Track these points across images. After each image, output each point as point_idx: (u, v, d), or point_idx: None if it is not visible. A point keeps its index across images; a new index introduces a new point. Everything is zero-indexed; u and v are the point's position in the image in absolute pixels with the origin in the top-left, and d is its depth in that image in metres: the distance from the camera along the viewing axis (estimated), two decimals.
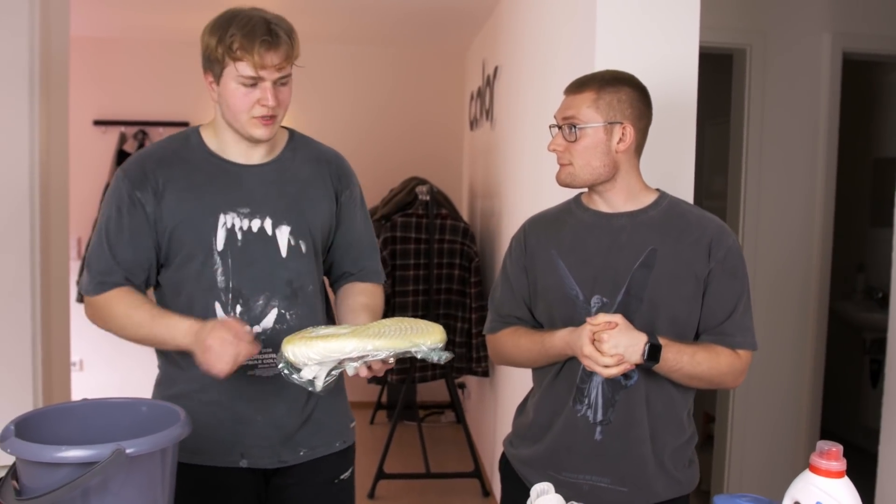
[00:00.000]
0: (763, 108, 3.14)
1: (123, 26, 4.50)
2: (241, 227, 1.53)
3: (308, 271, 1.59)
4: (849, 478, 1.13)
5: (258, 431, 1.57)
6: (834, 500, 1.11)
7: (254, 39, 1.43)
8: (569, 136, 1.51)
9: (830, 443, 1.14)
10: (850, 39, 3.16)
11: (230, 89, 1.47)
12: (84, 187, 4.62)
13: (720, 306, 1.50)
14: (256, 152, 1.58)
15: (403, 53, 4.86)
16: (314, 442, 1.62)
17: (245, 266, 1.53)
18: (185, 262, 1.54)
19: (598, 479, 1.51)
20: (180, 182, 1.53)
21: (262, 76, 1.45)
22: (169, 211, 1.52)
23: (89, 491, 1.15)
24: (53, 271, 2.65)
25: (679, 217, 1.53)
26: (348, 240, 1.68)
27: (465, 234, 3.78)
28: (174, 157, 1.56)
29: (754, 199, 3.17)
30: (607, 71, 1.56)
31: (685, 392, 1.54)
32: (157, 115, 4.74)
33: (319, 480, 1.65)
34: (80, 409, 1.38)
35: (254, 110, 1.48)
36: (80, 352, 4.78)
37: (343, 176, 1.67)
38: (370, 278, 1.70)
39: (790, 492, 1.16)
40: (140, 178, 1.52)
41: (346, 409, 1.72)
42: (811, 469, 1.13)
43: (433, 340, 1.35)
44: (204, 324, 1.44)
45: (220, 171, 1.56)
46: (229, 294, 1.53)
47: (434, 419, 4.75)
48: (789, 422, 3.23)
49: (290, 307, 1.56)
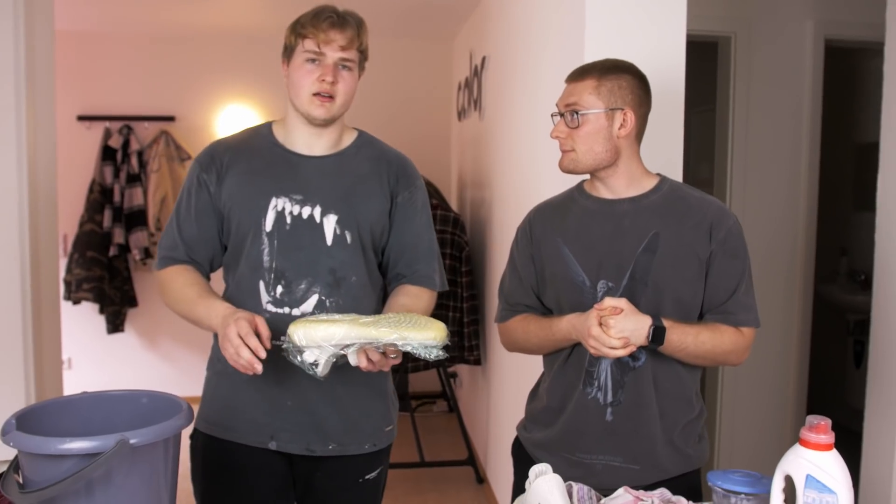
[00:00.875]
0: (748, 95, 3.18)
1: (107, 20, 4.46)
2: (290, 212, 1.60)
3: (352, 262, 1.62)
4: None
5: (288, 416, 1.62)
6: (823, 471, 1.14)
7: (320, 17, 1.55)
8: (571, 123, 1.54)
9: (819, 417, 1.17)
10: (832, 26, 3.20)
11: (296, 65, 1.58)
12: (69, 183, 4.57)
13: (723, 286, 1.54)
14: (319, 144, 1.64)
15: (390, 44, 4.85)
16: (345, 439, 1.65)
17: (291, 250, 1.59)
18: (239, 241, 1.62)
19: (610, 459, 1.55)
20: (242, 165, 1.63)
21: (324, 52, 1.55)
22: (228, 191, 1.62)
23: (93, 483, 1.16)
24: (43, 268, 2.64)
25: (680, 200, 1.57)
26: (403, 242, 1.69)
27: (456, 223, 3.79)
28: (241, 144, 1.67)
29: (740, 185, 3.21)
30: (608, 59, 1.59)
31: (692, 370, 1.58)
32: (142, 109, 4.71)
33: (346, 476, 1.68)
34: (81, 402, 1.39)
35: (313, 86, 1.56)
36: (69, 350, 4.76)
37: (402, 178, 1.69)
38: (421, 282, 1.70)
39: (781, 465, 1.19)
40: (207, 161, 1.64)
41: (384, 412, 1.72)
42: (801, 443, 1.17)
43: (425, 337, 1.34)
44: (232, 312, 1.47)
45: (280, 160, 1.64)
46: (272, 274, 1.59)
47: (426, 409, 4.77)
48: (777, 402, 3.28)
49: (331, 295, 1.60)
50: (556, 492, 1.26)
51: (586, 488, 1.35)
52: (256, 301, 1.60)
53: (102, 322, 4.75)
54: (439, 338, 1.35)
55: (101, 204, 4.61)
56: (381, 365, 1.43)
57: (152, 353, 4.95)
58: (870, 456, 2.31)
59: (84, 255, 4.56)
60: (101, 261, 4.60)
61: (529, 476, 1.33)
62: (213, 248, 1.66)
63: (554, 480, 1.29)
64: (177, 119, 4.72)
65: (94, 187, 4.62)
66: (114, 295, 4.69)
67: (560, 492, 1.26)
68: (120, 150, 4.62)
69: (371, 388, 1.67)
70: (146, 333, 4.94)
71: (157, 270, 1.66)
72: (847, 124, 4.28)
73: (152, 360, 4.93)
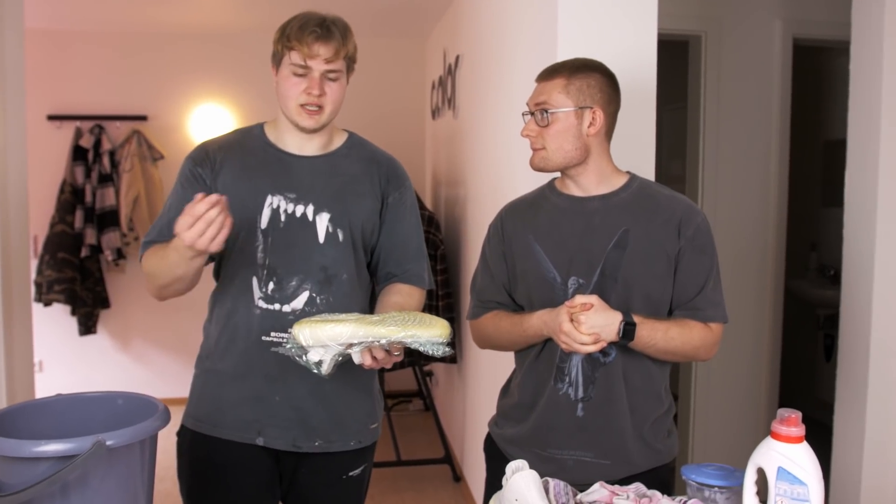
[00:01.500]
0: (718, 93, 3.22)
1: (78, 19, 4.40)
2: (285, 210, 1.61)
3: (344, 260, 1.64)
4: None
5: (276, 411, 1.62)
6: (794, 463, 1.16)
7: (305, 30, 1.56)
8: (541, 122, 1.56)
9: (790, 410, 1.18)
10: (800, 25, 3.25)
11: (283, 77, 1.60)
12: (39, 183, 4.50)
13: (691, 282, 1.56)
14: (311, 145, 1.67)
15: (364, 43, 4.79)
16: (331, 436, 1.66)
17: (284, 247, 1.61)
18: (232, 238, 1.58)
19: (581, 454, 1.57)
20: (236, 163, 1.65)
21: (310, 66, 1.56)
22: (223, 187, 1.61)
23: (69, 485, 1.15)
24: (14, 270, 2.60)
25: (649, 198, 1.59)
26: (393, 241, 1.72)
27: (430, 222, 3.79)
28: (234, 143, 1.69)
29: (711, 182, 3.25)
30: (577, 59, 1.61)
31: (662, 366, 1.61)
32: (113, 109, 4.65)
33: (331, 473, 1.69)
34: (55, 404, 1.37)
35: (300, 98, 1.58)
36: (40, 353, 4.69)
37: (393, 178, 1.72)
38: (412, 281, 1.72)
39: (753, 458, 1.21)
40: (201, 156, 1.66)
41: (371, 409, 1.73)
42: (772, 435, 1.18)
43: (432, 334, 1.36)
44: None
45: (273, 159, 1.66)
46: (265, 271, 1.60)
47: (403, 407, 4.77)
48: (749, 396, 3.33)
49: (322, 292, 1.61)
50: (532, 488, 1.27)
51: (563, 484, 1.36)
52: (248, 297, 1.61)
53: (74, 324, 4.69)
54: (445, 335, 1.37)
55: (73, 204, 4.54)
56: (384, 362, 1.44)
57: (125, 355, 4.89)
58: (839, 448, 2.36)
59: (55, 257, 4.49)
60: (73, 262, 4.53)
61: (506, 472, 1.34)
62: None
63: (530, 476, 1.30)
64: (149, 118, 4.67)
65: (65, 188, 4.55)
66: (86, 296, 4.63)
67: (537, 488, 1.27)
68: (91, 150, 4.56)
69: (358, 385, 1.69)
70: (119, 335, 4.88)
71: (141, 261, 1.62)
72: (815, 121, 4.36)
73: (125, 362, 4.87)
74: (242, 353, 1.61)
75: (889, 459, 2.25)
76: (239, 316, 1.62)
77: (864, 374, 2.26)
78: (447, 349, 1.37)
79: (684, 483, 1.34)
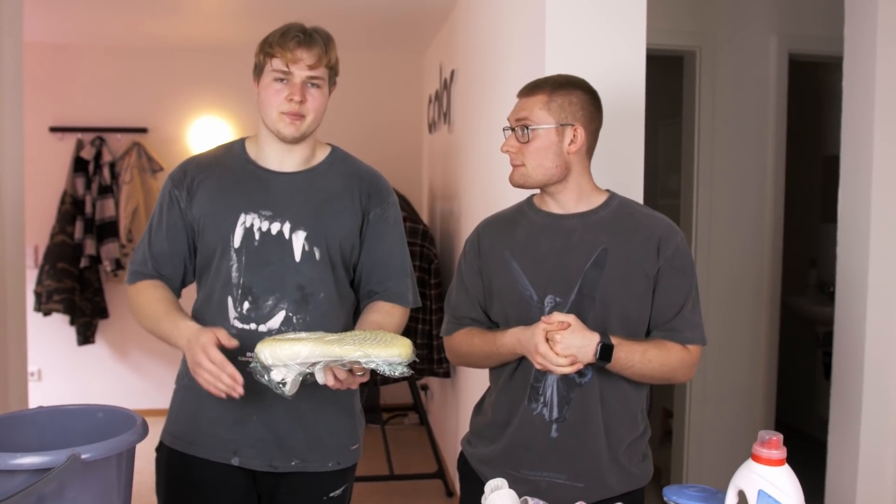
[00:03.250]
0: (713, 108, 3.22)
1: (80, 32, 4.43)
2: (259, 228, 1.60)
3: (321, 279, 1.61)
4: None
5: (252, 431, 1.60)
6: (775, 487, 1.14)
7: (287, 36, 1.55)
8: (521, 138, 1.54)
9: (771, 432, 1.17)
10: (795, 41, 3.26)
11: (264, 84, 1.59)
12: (40, 195, 4.54)
13: (669, 303, 1.54)
14: (291, 160, 1.64)
15: (362, 57, 4.86)
16: (309, 456, 1.64)
17: (259, 265, 1.59)
18: (208, 257, 1.62)
19: (555, 476, 1.54)
20: (212, 182, 1.64)
21: (292, 71, 1.55)
22: (198, 206, 1.62)
23: (45, 498, 1.14)
24: (9, 280, 2.61)
25: (628, 217, 1.57)
26: (375, 258, 1.69)
27: (424, 236, 3.79)
28: (213, 161, 1.68)
29: (707, 197, 3.24)
30: (560, 75, 1.59)
31: (639, 388, 1.58)
32: (114, 121, 4.68)
33: (310, 494, 1.66)
34: (35, 416, 1.37)
35: (282, 105, 1.56)
36: (38, 362, 4.70)
37: (375, 194, 1.68)
38: (393, 299, 1.69)
39: (734, 481, 1.20)
40: (180, 178, 1.65)
41: (350, 429, 1.70)
42: (753, 458, 1.17)
43: (389, 353, 1.34)
44: (196, 334, 1.47)
45: (251, 176, 1.64)
46: (239, 290, 1.59)
47: (398, 421, 4.76)
48: (745, 415, 3.30)
49: (298, 311, 1.59)
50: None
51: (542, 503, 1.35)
52: (224, 316, 1.59)
53: (73, 333, 4.70)
54: (404, 354, 1.35)
55: (73, 215, 4.56)
56: (348, 383, 1.43)
57: (123, 365, 4.90)
58: (834, 466, 2.34)
59: (55, 267, 4.51)
60: (72, 272, 4.55)
61: (485, 490, 1.33)
62: (184, 264, 1.66)
63: (508, 496, 1.29)
64: (149, 131, 4.69)
65: (65, 199, 4.57)
66: (84, 306, 4.64)
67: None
68: (92, 162, 4.59)
69: (337, 405, 1.66)
70: (117, 345, 4.88)
71: (128, 285, 1.67)
72: (814, 137, 4.35)
73: (123, 372, 4.87)
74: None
75: (884, 477, 2.23)
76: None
77: (859, 391, 2.24)
78: (405, 370, 1.35)
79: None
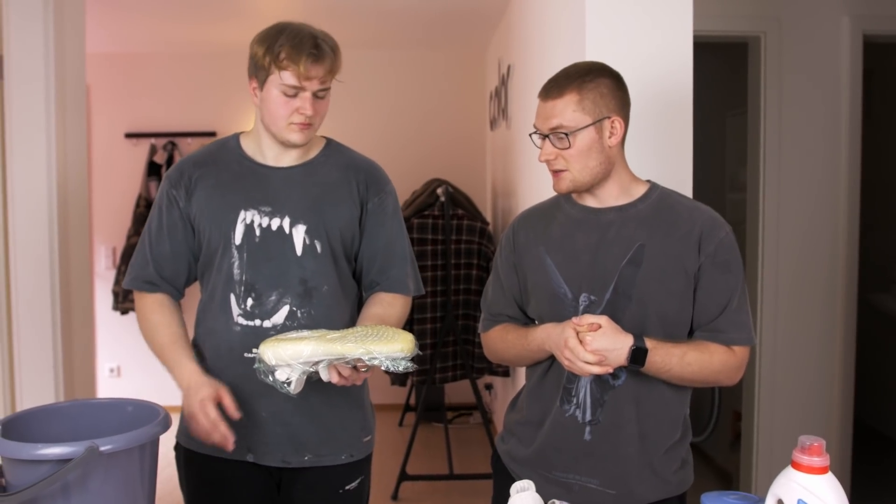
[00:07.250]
0: (780, 96, 3.06)
1: (148, 41, 4.62)
2: (259, 224, 1.59)
3: (323, 272, 1.61)
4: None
5: (264, 428, 1.61)
6: (816, 497, 1.07)
7: (301, 51, 1.51)
8: (560, 144, 1.46)
9: (813, 437, 1.10)
10: (870, 21, 3.07)
11: (272, 96, 1.55)
12: (117, 197, 4.76)
13: (712, 302, 1.45)
14: (288, 156, 1.64)
15: (424, 56, 4.87)
16: (321, 450, 1.64)
17: (261, 261, 1.59)
18: (210, 255, 1.63)
19: (587, 480, 1.49)
20: (210, 180, 1.63)
21: (303, 87, 1.53)
22: (197, 205, 1.62)
23: (69, 487, 1.19)
24: (73, 279, 2.73)
25: (668, 210, 1.49)
26: (374, 248, 1.68)
27: (483, 234, 3.77)
28: (209, 158, 1.67)
29: (774, 190, 3.09)
30: (578, 65, 1.50)
31: (679, 392, 1.50)
32: (185, 126, 4.85)
33: (326, 488, 1.67)
34: (68, 409, 1.43)
35: (292, 117, 1.55)
36: (118, 358, 4.91)
37: (372, 184, 1.68)
38: (394, 288, 1.68)
39: (773, 489, 1.13)
40: (177, 178, 1.65)
41: (363, 421, 1.71)
42: (793, 465, 1.10)
43: (391, 349, 1.33)
44: (196, 387, 1.52)
45: (248, 172, 1.64)
46: (242, 287, 1.59)
47: (463, 420, 4.74)
48: (820, 418, 3.14)
49: (303, 305, 1.59)
50: None
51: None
52: (228, 314, 1.60)
53: None
54: (406, 349, 1.34)
55: (146, 218, 4.74)
56: (353, 379, 1.42)
57: None
58: None
59: None
60: None
61: (511, 492, 1.29)
62: (185, 264, 1.67)
63: (532, 498, 1.25)
64: (218, 134, 4.83)
65: (140, 202, 4.76)
66: None
67: None
68: (164, 166, 4.76)
69: (347, 398, 1.66)
70: None
71: (131, 289, 1.69)
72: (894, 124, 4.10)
73: None
74: (226, 371, 1.59)
75: None
76: (220, 334, 1.61)
77: None
78: (409, 365, 1.33)
79: None
